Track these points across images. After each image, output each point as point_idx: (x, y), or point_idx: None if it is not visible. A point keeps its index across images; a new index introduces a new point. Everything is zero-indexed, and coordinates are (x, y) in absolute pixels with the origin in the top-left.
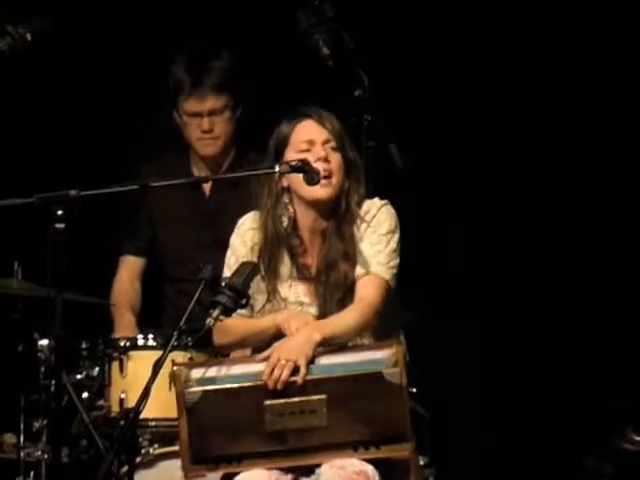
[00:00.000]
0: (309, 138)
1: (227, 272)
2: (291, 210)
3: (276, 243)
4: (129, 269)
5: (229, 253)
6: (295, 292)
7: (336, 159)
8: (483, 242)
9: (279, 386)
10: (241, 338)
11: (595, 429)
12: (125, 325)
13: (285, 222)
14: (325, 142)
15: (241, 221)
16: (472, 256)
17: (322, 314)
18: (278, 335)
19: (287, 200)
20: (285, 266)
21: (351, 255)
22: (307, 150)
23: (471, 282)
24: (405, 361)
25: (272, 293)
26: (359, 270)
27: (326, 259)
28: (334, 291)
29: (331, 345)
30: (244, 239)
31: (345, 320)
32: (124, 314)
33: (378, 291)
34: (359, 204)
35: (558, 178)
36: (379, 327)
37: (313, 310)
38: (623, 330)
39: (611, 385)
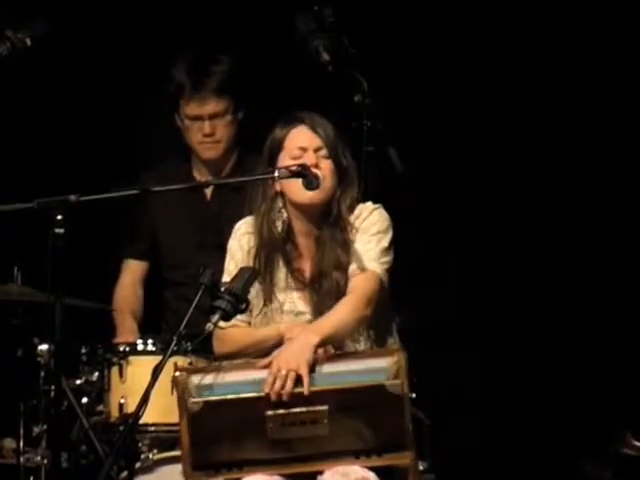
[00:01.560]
0: (301, 145)
1: (227, 278)
2: (285, 214)
3: (271, 248)
4: (131, 273)
5: (228, 258)
6: (290, 298)
7: (327, 165)
8: (483, 243)
9: (283, 398)
10: (242, 347)
11: (594, 434)
12: (126, 330)
13: (279, 227)
14: (317, 149)
15: (237, 226)
16: (472, 258)
17: None
18: (279, 344)
19: (281, 204)
20: (280, 271)
21: (344, 264)
22: (299, 157)
23: (471, 284)
24: (407, 369)
25: (268, 298)
26: (351, 268)
27: (319, 267)
28: (326, 299)
29: (330, 344)
30: (241, 243)
31: (339, 315)
32: (125, 319)
33: (369, 283)
34: (351, 209)
35: (558, 178)
36: (372, 329)
37: (308, 316)
38: (621, 333)
39: (610, 389)
